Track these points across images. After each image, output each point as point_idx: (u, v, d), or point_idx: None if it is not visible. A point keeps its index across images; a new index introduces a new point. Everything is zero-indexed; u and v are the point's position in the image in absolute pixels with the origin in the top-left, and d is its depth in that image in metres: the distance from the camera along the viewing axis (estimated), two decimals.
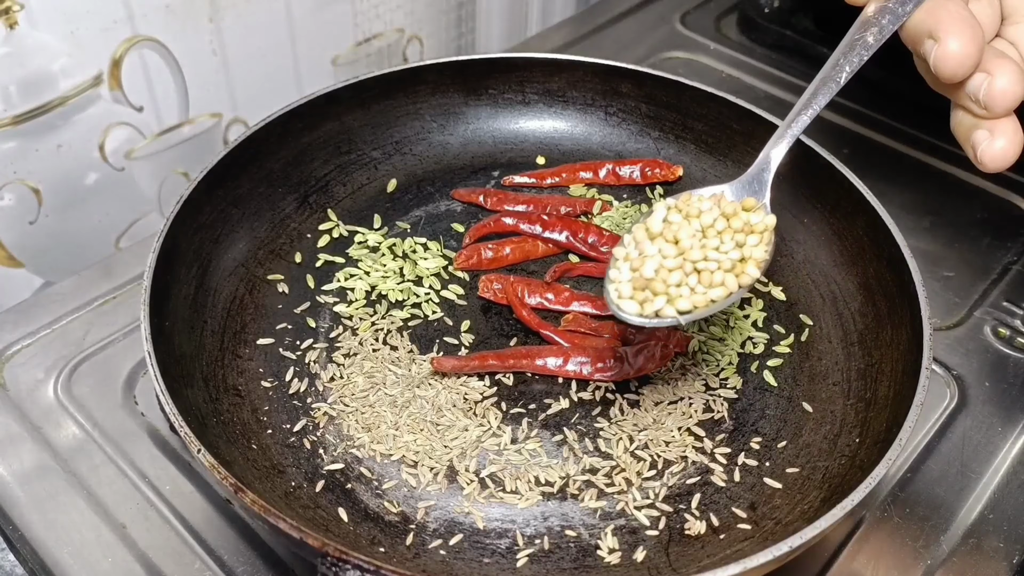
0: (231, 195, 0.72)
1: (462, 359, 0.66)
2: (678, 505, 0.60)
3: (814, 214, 0.75)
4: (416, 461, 0.61)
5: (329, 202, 0.79)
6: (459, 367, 0.65)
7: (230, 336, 0.67)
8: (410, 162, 0.83)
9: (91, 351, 0.72)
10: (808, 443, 0.62)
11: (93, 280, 0.78)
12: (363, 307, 0.71)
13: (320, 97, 0.77)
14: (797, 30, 1.07)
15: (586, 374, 0.66)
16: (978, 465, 0.66)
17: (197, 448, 0.53)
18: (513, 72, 0.84)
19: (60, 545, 0.60)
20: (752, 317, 0.71)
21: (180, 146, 0.96)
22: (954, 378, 0.72)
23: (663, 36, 1.10)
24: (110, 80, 0.88)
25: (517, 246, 0.75)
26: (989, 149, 0.52)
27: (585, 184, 0.82)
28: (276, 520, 0.49)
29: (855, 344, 0.67)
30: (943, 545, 0.62)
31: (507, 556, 0.57)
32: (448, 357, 0.66)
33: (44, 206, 0.89)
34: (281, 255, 0.74)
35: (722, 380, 0.67)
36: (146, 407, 0.69)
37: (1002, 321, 0.76)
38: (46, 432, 0.67)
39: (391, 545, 0.57)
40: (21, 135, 0.84)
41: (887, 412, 0.60)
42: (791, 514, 0.58)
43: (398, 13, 1.08)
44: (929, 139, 0.94)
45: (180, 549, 0.60)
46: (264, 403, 0.64)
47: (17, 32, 0.79)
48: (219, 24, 0.92)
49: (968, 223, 0.86)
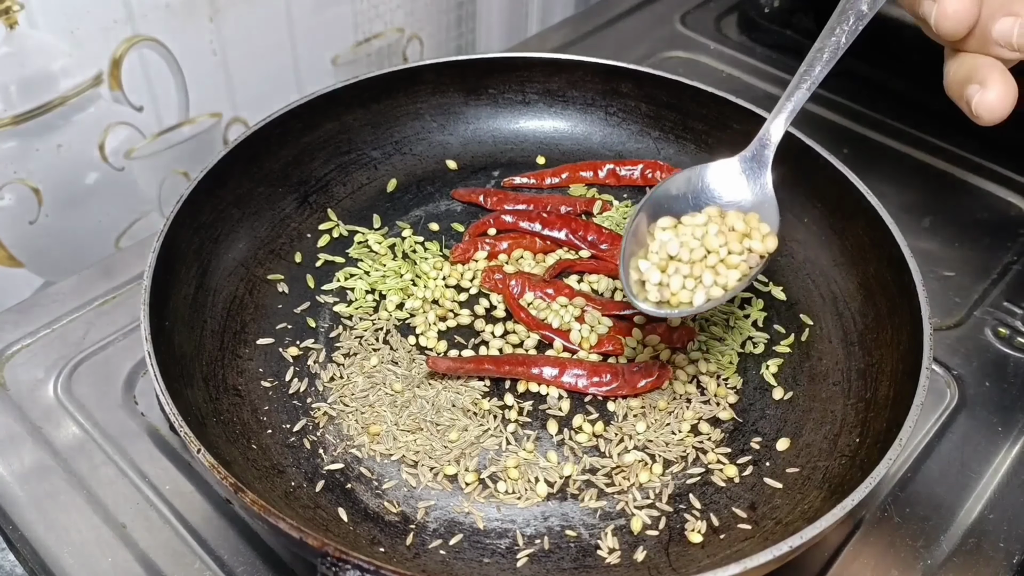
0: (231, 195, 0.72)
1: (458, 360, 0.66)
2: (678, 505, 0.60)
3: (814, 214, 0.75)
4: (416, 461, 0.61)
5: (329, 202, 0.79)
6: (454, 368, 0.65)
7: (230, 336, 0.67)
8: (410, 162, 0.83)
9: (91, 351, 0.72)
10: (808, 443, 0.62)
11: (93, 280, 0.78)
12: (363, 307, 0.71)
13: (320, 97, 0.77)
14: (797, 30, 1.07)
15: (581, 387, 0.65)
16: (978, 465, 0.66)
17: (197, 448, 0.52)
18: (513, 72, 0.84)
19: (60, 545, 0.60)
20: (752, 317, 0.71)
21: (180, 146, 0.96)
22: (954, 378, 0.72)
23: (663, 36, 1.10)
24: (110, 80, 0.88)
25: (515, 241, 0.75)
26: (983, 101, 0.54)
27: (585, 184, 0.82)
28: (276, 520, 0.49)
29: (855, 344, 0.67)
30: (943, 545, 0.62)
31: (507, 556, 0.57)
32: (443, 358, 0.66)
33: (44, 206, 0.89)
34: (281, 255, 0.74)
35: (722, 380, 0.67)
36: (146, 407, 0.69)
37: (1002, 321, 0.76)
38: (46, 432, 0.67)
39: (391, 545, 0.57)
40: (21, 135, 0.84)
41: (887, 412, 0.60)
42: (791, 514, 0.58)
43: (398, 13, 1.08)
44: (929, 139, 0.94)
45: (180, 549, 0.60)
46: (264, 403, 0.64)
47: (17, 32, 0.79)
48: (219, 24, 0.92)
49: (968, 223, 0.86)
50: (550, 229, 0.76)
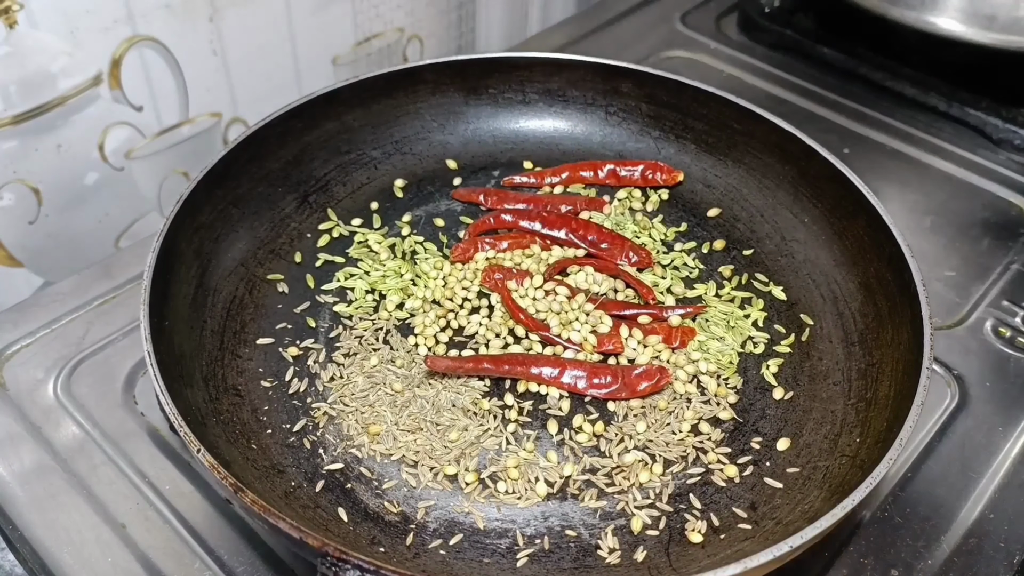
0: (231, 195, 0.72)
1: (456, 360, 0.66)
2: (678, 505, 0.60)
3: (815, 213, 0.75)
4: (416, 461, 0.61)
5: (329, 202, 0.78)
6: (453, 367, 0.65)
7: (230, 336, 0.67)
8: (410, 162, 0.83)
9: (91, 351, 0.72)
10: (808, 443, 0.62)
11: (93, 280, 0.78)
12: (363, 307, 0.71)
13: (320, 97, 0.77)
14: (797, 30, 1.07)
15: (580, 388, 0.65)
16: (979, 465, 0.66)
17: (197, 448, 0.52)
18: (513, 72, 0.84)
19: (60, 545, 0.60)
20: (752, 317, 0.71)
21: (180, 146, 0.96)
22: (955, 378, 0.72)
23: (663, 35, 1.10)
24: (110, 80, 0.87)
25: (515, 241, 0.75)
26: None
27: (585, 184, 0.82)
28: (276, 520, 0.49)
29: (856, 344, 0.67)
30: (943, 545, 0.62)
31: (507, 556, 0.57)
32: (442, 357, 0.66)
33: (44, 206, 0.89)
34: (281, 255, 0.74)
35: (722, 380, 0.67)
36: (146, 407, 0.69)
37: (1003, 320, 0.76)
38: (46, 432, 0.67)
39: (391, 545, 0.57)
40: (21, 135, 0.84)
41: (888, 412, 0.59)
42: (792, 514, 0.58)
43: (398, 13, 1.08)
44: (930, 139, 0.94)
45: (180, 549, 0.60)
46: (264, 403, 0.64)
47: (17, 32, 0.79)
48: (219, 24, 0.92)
49: (968, 223, 0.86)
50: (550, 228, 0.76)
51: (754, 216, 0.78)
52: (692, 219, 0.79)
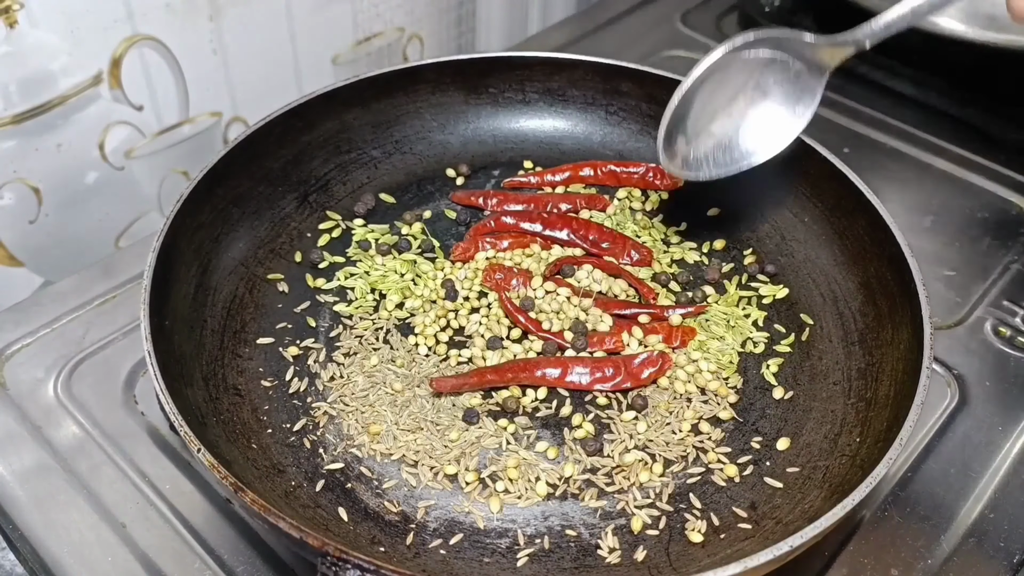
0: (231, 194, 0.72)
1: (460, 377, 0.65)
2: (678, 504, 0.60)
3: (815, 213, 0.75)
4: (416, 460, 0.61)
5: (329, 201, 0.78)
6: (458, 386, 0.64)
7: (230, 335, 0.67)
8: (410, 161, 0.83)
9: (91, 350, 0.72)
10: (808, 443, 0.62)
11: (93, 279, 0.78)
12: (363, 306, 0.71)
13: (320, 96, 0.77)
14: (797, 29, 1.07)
15: (585, 384, 0.65)
16: (979, 465, 0.66)
17: (197, 447, 0.52)
18: (513, 71, 0.84)
19: (60, 545, 0.60)
20: (752, 316, 0.71)
21: (180, 145, 0.96)
22: (955, 377, 0.72)
23: (664, 35, 1.10)
24: (110, 79, 0.87)
25: (516, 240, 0.75)
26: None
27: (586, 184, 0.82)
28: (276, 520, 0.49)
29: (856, 343, 0.67)
30: (943, 545, 0.62)
31: (507, 556, 0.57)
32: (447, 377, 0.65)
33: (44, 205, 0.89)
34: (281, 254, 0.74)
35: (722, 380, 0.67)
36: (146, 407, 0.69)
37: (1003, 320, 0.76)
38: (46, 432, 0.67)
39: (391, 545, 0.57)
40: (21, 134, 0.84)
41: (888, 411, 0.60)
42: (792, 513, 0.58)
43: (398, 12, 1.08)
44: (930, 138, 0.94)
45: (180, 549, 0.60)
46: (264, 402, 0.64)
47: (17, 31, 0.79)
48: (219, 23, 0.92)
49: (969, 222, 0.86)
50: (551, 229, 0.76)
51: (754, 216, 0.78)
52: (692, 219, 0.79)
